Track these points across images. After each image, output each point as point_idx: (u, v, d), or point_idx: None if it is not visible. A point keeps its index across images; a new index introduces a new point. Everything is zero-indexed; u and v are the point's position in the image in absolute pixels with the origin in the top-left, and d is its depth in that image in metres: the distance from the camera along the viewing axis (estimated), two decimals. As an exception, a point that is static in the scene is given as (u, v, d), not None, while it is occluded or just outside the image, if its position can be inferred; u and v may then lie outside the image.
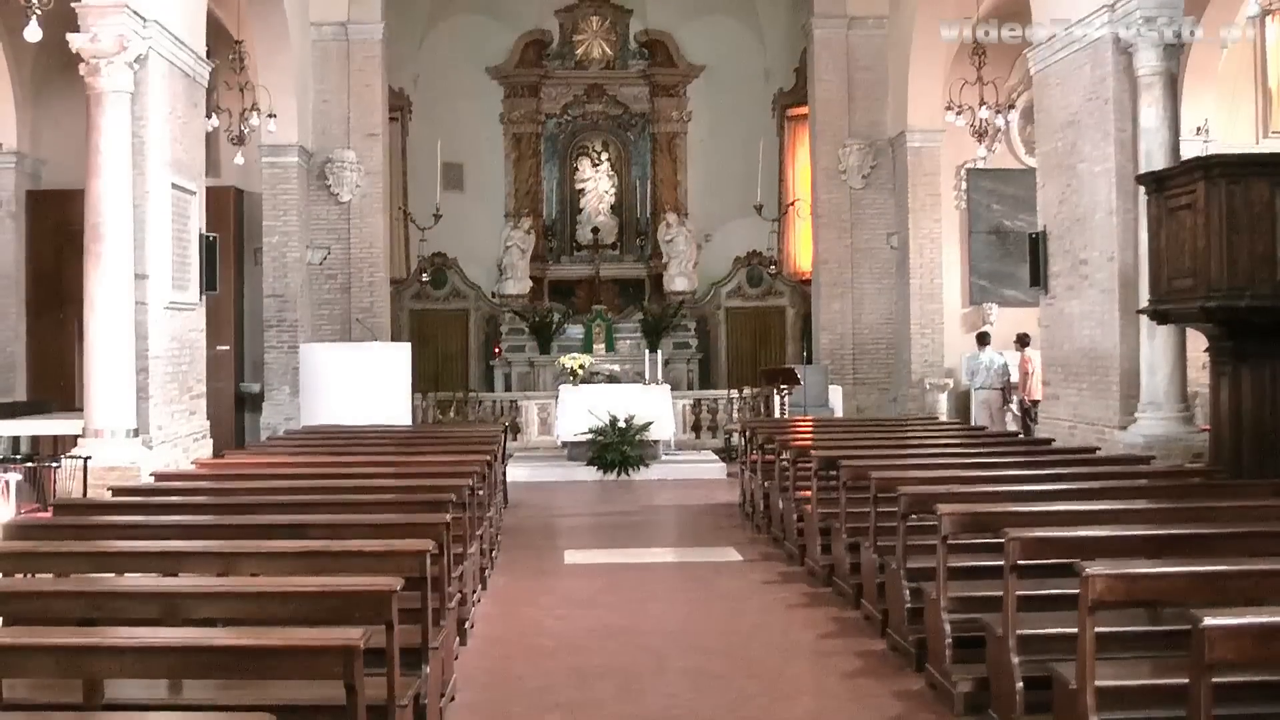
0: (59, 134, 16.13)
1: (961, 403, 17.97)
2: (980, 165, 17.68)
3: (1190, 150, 12.36)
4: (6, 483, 10.00)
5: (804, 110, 20.59)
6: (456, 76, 22.50)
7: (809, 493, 9.72)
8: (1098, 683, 4.78)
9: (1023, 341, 16.60)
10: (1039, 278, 13.11)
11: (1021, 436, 13.95)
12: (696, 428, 18.24)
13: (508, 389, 20.72)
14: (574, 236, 23.57)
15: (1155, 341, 11.02)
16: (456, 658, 6.72)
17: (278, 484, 8.22)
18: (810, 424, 13.88)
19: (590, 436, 15.75)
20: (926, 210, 18.22)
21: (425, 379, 19.00)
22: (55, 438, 12.48)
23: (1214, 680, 4.03)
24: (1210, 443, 9.90)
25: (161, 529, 6.44)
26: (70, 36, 10.62)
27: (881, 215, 18.82)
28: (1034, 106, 13.88)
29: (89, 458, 10.32)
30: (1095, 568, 4.83)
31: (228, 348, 16.85)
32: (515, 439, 17.37)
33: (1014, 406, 16.67)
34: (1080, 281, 12.19)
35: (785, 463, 10.78)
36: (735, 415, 17.74)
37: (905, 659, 6.82)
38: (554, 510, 13.43)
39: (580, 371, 17.04)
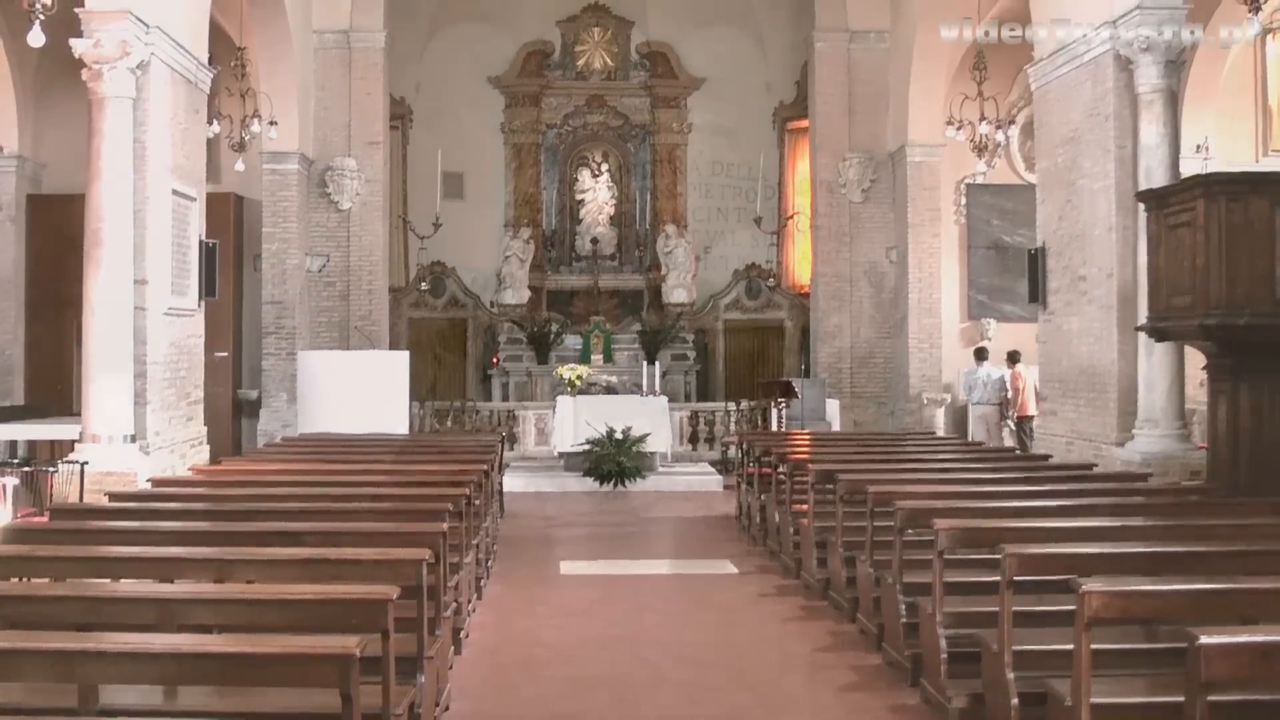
0: (60, 138, 16.16)
1: (959, 417, 17.97)
2: (980, 180, 17.71)
3: (1190, 168, 12.39)
4: (4, 486, 10.01)
5: (804, 123, 20.62)
6: (458, 85, 22.50)
7: (806, 506, 9.71)
8: (1093, 700, 4.78)
9: (1012, 359, 16.61)
10: (1038, 293, 13.12)
11: (1018, 452, 13.94)
12: (694, 440, 18.21)
13: (505, 399, 20.68)
14: (573, 247, 23.55)
15: (1153, 358, 11.02)
16: (451, 667, 6.71)
17: (274, 491, 8.20)
18: (807, 437, 13.89)
19: (587, 447, 15.72)
20: (926, 225, 18.23)
21: (423, 388, 18.98)
22: (52, 442, 12.50)
23: (1210, 699, 4.03)
24: (1207, 460, 9.90)
25: (158, 535, 6.45)
26: (73, 42, 10.65)
27: (881, 229, 18.83)
28: (1034, 122, 13.91)
29: (86, 463, 10.32)
30: (1092, 584, 4.83)
31: (226, 354, 16.85)
32: (512, 449, 17.34)
33: (1009, 422, 16.69)
34: (1079, 298, 12.20)
35: (782, 476, 10.77)
36: (733, 428, 17.73)
37: (901, 673, 6.81)
38: (550, 521, 13.41)
39: (578, 382, 17.04)
